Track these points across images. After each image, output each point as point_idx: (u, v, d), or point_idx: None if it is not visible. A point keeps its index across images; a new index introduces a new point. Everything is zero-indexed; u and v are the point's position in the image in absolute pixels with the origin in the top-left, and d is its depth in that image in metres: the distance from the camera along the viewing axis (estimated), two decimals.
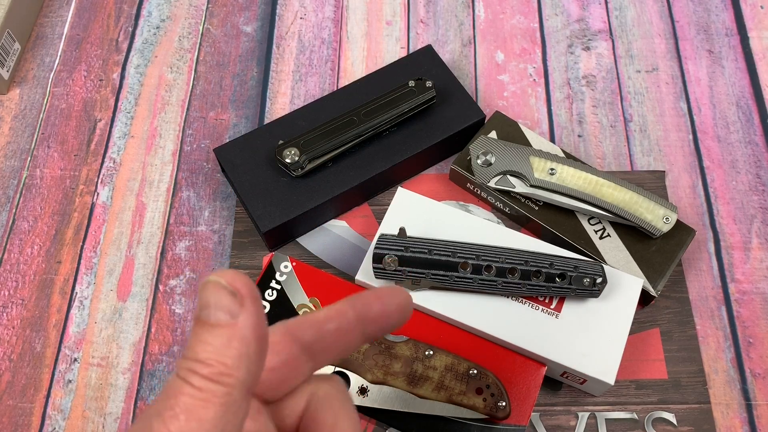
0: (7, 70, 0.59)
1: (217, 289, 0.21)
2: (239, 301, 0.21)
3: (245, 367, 0.21)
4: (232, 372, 0.21)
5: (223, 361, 0.20)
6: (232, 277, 0.21)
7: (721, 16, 0.64)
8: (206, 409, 0.20)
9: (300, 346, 0.25)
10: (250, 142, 0.53)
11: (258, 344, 0.21)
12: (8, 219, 0.54)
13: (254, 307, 0.21)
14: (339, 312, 0.26)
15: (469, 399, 0.43)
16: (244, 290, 0.21)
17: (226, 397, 0.20)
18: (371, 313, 0.26)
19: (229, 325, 0.21)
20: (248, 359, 0.21)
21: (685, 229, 0.50)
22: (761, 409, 0.48)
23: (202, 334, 0.21)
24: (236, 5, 0.65)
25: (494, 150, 0.51)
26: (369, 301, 0.26)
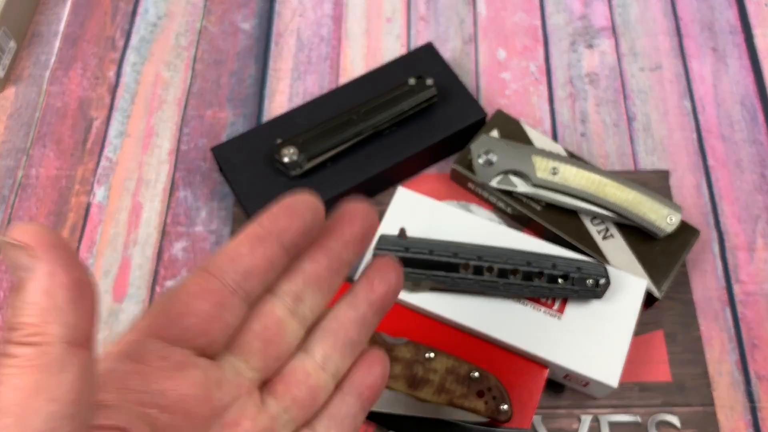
0: (3, 68, 0.59)
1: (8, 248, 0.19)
2: (31, 253, 0.19)
3: (57, 321, 0.19)
4: (42, 330, 0.19)
5: (29, 321, 0.19)
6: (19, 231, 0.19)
7: (725, 13, 0.63)
8: (23, 376, 0.19)
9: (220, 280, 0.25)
10: (248, 141, 0.52)
11: (68, 291, 0.19)
12: (4, 219, 0.54)
13: (54, 253, 0.19)
14: (247, 234, 0.26)
15: (471, 402, 0.42)
16: (34, 240, 0.19)
17: (43, 357, 0.19)
18: (279, 223, 0.26)
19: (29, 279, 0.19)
20: (59, 311, 0.19)
21: (689, 230, 0.50)
22: (766, 411, 0.47)
23: (11, 301, 0.20)
24: (234, 2, 0.64)
25: (496, 149, 0.51)
26: (275, 213, 0.26)
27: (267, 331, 0.26)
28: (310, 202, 0.27)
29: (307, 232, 0.27)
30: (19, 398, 0.18)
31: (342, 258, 0.28)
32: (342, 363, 0.28)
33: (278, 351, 0.27)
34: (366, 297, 0.29)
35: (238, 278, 0.25)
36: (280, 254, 0.26)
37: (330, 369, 0.28)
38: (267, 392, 0.27)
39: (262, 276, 0.26)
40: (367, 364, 0.29)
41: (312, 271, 0.27)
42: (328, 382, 0.28)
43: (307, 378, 0.27)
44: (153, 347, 0.24)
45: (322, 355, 0.28)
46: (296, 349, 0.27)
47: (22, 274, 0.19)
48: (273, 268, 0.26)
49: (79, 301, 0.20)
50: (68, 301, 0.19)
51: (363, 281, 0.29)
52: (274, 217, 0.26)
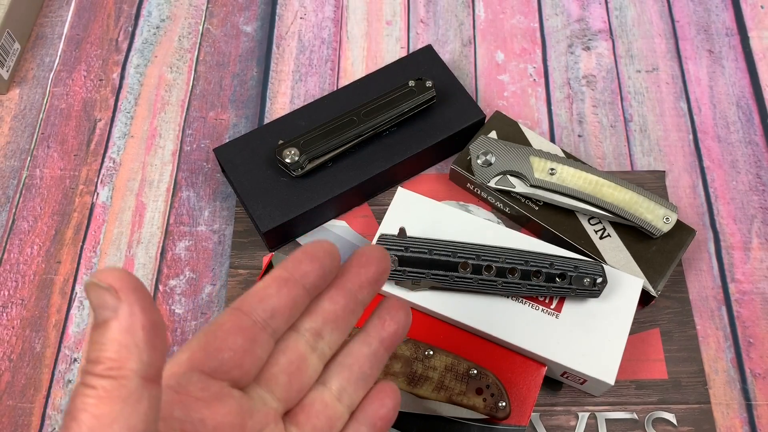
0: (7, 70, 0.59)
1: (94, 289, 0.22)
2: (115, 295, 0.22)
3: (135, 357, 0.22)
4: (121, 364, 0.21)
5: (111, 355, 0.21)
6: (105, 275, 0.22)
7: (721, 16, 0.64)
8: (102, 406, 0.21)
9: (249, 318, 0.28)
10: (250, 142, 0.53)
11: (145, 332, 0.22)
12: (8, 219, 0.54)
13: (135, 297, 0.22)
14: (274, 276, 0.29)
15: (469, 399, 0.43)
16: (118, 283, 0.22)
17: (120, 389, 0.21)
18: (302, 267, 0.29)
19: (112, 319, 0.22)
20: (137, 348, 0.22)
21: (685, 229, 0.50)
22: (761, 409, 0.48)
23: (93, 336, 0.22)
24: (236, 5, 0.65)
25: (494, 150, 0.51)
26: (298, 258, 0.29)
27: (291, 365, 0.29)
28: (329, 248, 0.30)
29: (326, 275, 0.30)
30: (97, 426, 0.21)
31: (357, 298, 0.31)
32: (356, 394, 0.31)
33: (300, 383, 0.30)
34: (378, 334, 0.32)
35: (266, 316, 0.28)
36: (303, 295, 0.29)
37: (345, 400, 0.31)
38: (289, 421, 0.29)
39: (287, 314, 0.29)
40: (380, 397, 0.32)
41: (331, 311, 0.30)
42: (343, 412, 0.30)
43: (325, 408, 0.30)
44: (193, 379, 0.26)
45: (338, 387, 0.31)
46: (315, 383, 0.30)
47: (106, 313, 0.22)
48: (296, 307, 0.29)
49: (154, 341, 0.22)
50: (145, 341, 0.22)
51: (375, 320, 0.32)
52: (298, 261, 0.29)
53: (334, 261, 0.30)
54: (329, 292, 0.31)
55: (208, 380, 0.26)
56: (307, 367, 0.30)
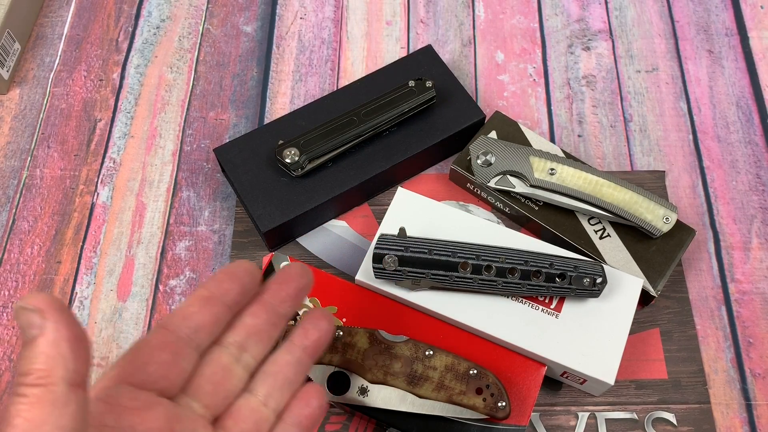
0: (7, 70, 0.59)
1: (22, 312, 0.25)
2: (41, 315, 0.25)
3: (62, 366, 0.25)
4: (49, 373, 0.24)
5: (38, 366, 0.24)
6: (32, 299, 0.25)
7: (721, 16, 0.64)
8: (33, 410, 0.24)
9: (174, 334, 0.31)
10: (250, 142, 0.53)
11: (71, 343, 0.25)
12: (8, 219, 0.54)
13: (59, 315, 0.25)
14: (196, 295, 0.32)
15: (469, 399, 0.43)
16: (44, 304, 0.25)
17: (49, 395, 0.24)
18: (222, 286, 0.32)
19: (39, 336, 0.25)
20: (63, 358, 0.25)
21: (685, 229, 0.50)
22: (761, 409, 0.48)
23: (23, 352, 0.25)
24: (236, 5, 0.65)
25: (494, 150, 0.51)
26: (219, 278, 0.33)
27: (216, 375, 0.32)
28: (249, 268, 0.34)
29: (245, 292, 0.33)
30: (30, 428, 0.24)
31: (279, 312, 0.34)
32: (282, 399, 0.34)
33: (226, 392, 0.33)
34: (301, 342, 0.35)
35: (190, 333, 0.31)
36: (225, 311, 0.32)
37: (271, 405, 0.34)
38: (218, 426, 0.32)
39: (210, 330, 0.32)
40: (305, 398, 0.34)
41: (252, 325, 0.34)
42: (270, 416, 0.33)
43: (252, 413, 0.33)
44: (123, 391, 0.29)
45: (265, 393, 0.34)
46: (242, 391, 0.33)
47: (33, 331, 0.25)
48: (219, 323, 0.32)
49: (78, 351, 0.25)
50: (69, 351, 0.25)
51: (299, 329, 0.35)
52: (219, 281, 0.33)
53: (254, 279, 0.33)
54: (251, 307, 0.34)
55: (136, 391, 0.29)
56: (231, 377, 0.33)
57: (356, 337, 0.44)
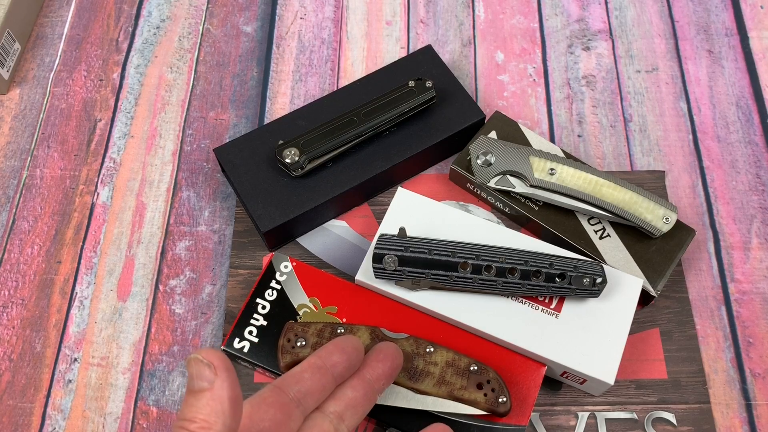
0: (7, 70, 0.59)
1: (197, 363, 0.28)
2: (214, 371, 0.28)
3: (221, 421, 0.28)
4: (211, 425, 0.27)
5: (204, 417, 0.27)
6: (208, 354, 0.28)
7: (721, 16, 0.64)
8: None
9: (287, 395, 0.34)
10: (250, 142, 0.53)
11: (231, 403, 0.28)
12: (8, 219, 0.54)
13: (227, 374, 0.28)
14: (309, 363, 0.36)
15: (470, 394, 0.43)
16: (217, 363, 0.28)
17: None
18: (333, 358, 0.36)
19: (208, 389, 0.28)
20: (224, 414, 0.28)
21: (685, 229, 0.50)
22: (761, 409, 0.48)
23: (189, 399, 0.28)
24: (236, 5, 0.65)
25: (494, 150, 0.51)
26: (329, 350, 0.37)
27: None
28: (356, 344, 0.38)
29: (351, 367, 0.37)
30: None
31: (375, 388, 0.38)
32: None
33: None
34: None
35: (300, 396, 0.34)
36: (331, 382, 0.36)
37: None
38: None
39: (317, 396, 0.35)
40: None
41: (352, 397, 0.37)
42: None
43: None
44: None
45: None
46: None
47: (202, 383, 0.28)
48: (325, 391, 0.36)
49: (235, 412, 0.28)
50: (230, 410, 0.28)
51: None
52: (330, 353, 0.37)
53: (359, 355, 0.37)
54: (352, 381, 0.37)
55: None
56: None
57: (357, 333, 0.44)
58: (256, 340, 0.46)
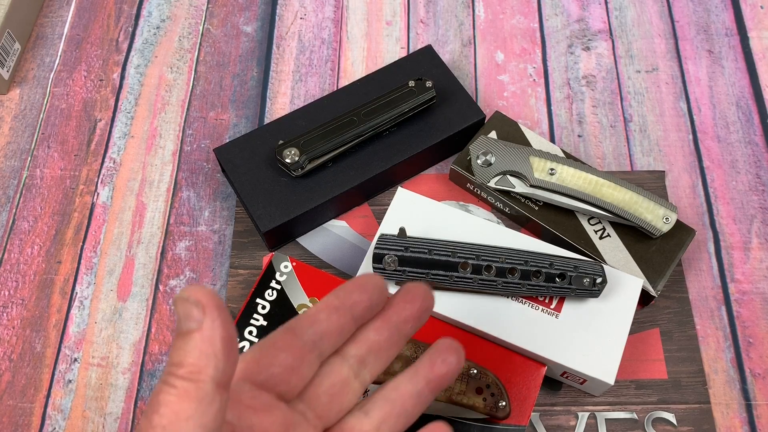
0: (7, 70, 0.59)
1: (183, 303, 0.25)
2: (202, 310, 0.25)
3: (213, 365, 0.25)
4: (201, 369, 0.24)
5: (193, 360, 0.24)
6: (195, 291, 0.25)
7: (721, 16, 0.64)
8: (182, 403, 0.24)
9: (300, 339, 0.30)
10: (250, 142, 0.53)
11: (223, 344, 0.25)
12: (8, 219, 0.54)
13: (217, 313, 0.25)
14: (326, 302, 0.31)
15: (469, 399, 0.43)
16: (206, 301, 0.25)
17: (198, 391, 0.24)
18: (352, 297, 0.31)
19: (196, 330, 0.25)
20: (215, 358, 0.25)
21: (685, 229, 0.50)
22: (761, 409, 0.48)
23: (177, 342, 0.25)
24: (236, 5, 0.65)
25: (494, 150, 0.51)
26: (348, 288, 0.32)
27: (333, 387, 0.31)
28: (378, 282, 0.32)
29: (373, 307, 0.32)
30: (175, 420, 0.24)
31: (401, 332, 0.33)
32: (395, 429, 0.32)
33: (340, 405, 0.32)
34: (426, 375, 0.32)
35: (315, 339, 0.30)
36: (350, 323, 0.31)
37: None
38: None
39: (335, 339, 0.31)
40: None
41: (375, 341, 0.32)
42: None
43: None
44: (245, 389, 0.29)
45: (378, 419, 0.32)
46: (355, 408, 0.32)
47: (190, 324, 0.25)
48: (343, 333, 0.31)
49: (229, 352, 0.25)
50: (222, 351, 0.25)
51: (426, 360, 0.33)
52: (348, 291, 0.32)
53: (382, 294, 0.32)
54: (375, 322, 0.32)
55: (257, 391, 0.29)
56: (348, 391, 0.32)
57: None
58: (256, 340, 0.46)
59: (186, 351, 0.25)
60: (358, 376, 0.32)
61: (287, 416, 0.30)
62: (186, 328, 0.25)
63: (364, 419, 0.32)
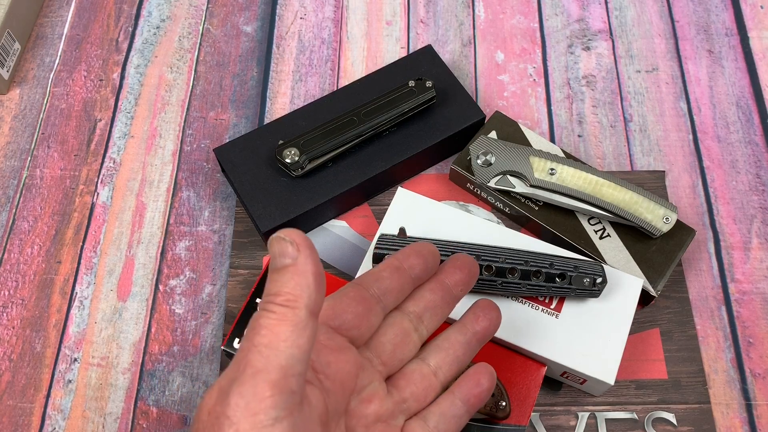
0: (7, 70, 0.59)
1: (279, 242, 0.28)
2: (296, 248, 0.28)
3: (307, 295, 0.28)
4: (297, 298, 0.28)
5: (289, 290, 0.28)
6: (290, 233, 0.29)
7: (721, 16, 0.64)
8: (280, 326, 0.27)
9: (368, 292, 0.35)
10: (250, 142, 0.53)
11: (315, 278, 0.28)
12: (8, 219, 0.54)
13: (309, 251, 0.28)
14: (387, 263, 0.37)
15: None
16: (299, 240, 0.28)
17: (295, 317, 0.28)
18: (410, 260, 0.37)
19: (291, 265, 0.28)
20: (309, 288, 0.28)
21: (685, 229, 0.50)
22: (761, 409, 0.48)
23: (272, 276, 0.29)
24: (236, 5, 0.65)
25: (494, 150, 0.51)
26: (406, 252, 0.37)
27: (396, 337, 0.36)
28: (432, 249, 0.38)
29: (428, 269, 0.37)
30: (274, 340, 0.27)
31: (453, 293, 0.38)
32: (450, 373, 0.37)
33: (402, 354, 0.36)
34: (472, 327, 0.38)
35: (380, 293, 0.35)
36: (409, 282, 0.37)
37: (440, 376, 0.37)
38: (391, 384, 0.36)
39: (396, 295, 0.36)
40: (476, 377, 0.37)
41: (431, 299, 0.38)
42: (437, 385, 0.37)
43: (423, 379, 0.36)
44: (322, 330, 0.33)
45: (435, 364, 0.37)
46: (415, 357, 0.37)
47: (286, 260, 0.28)
48: (403, 291, 0.37)
49: (320, 286, 0.29)
50: (313, 284, 0.28)
51: (470, 315, 0.39)
52: (407, 255, 0.37)
53: (436, 260, 0.38)
54: (430, 284, 0.38)
55: (333, 333, 0.33)
56: (409, 342, 0.36)
57: None
58: None
59: (282, 282, 0.28)
60: (417, 330, 0.37)
61: (357, 359, 0.33)
62: (281, 264, 0.28)
63: (422, 365, 0.37)
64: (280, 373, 0.27)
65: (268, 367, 0.27)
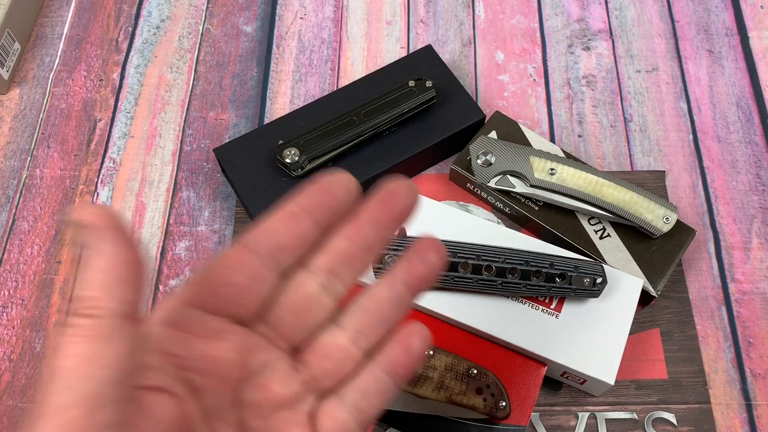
0: (7, 70, 0.59)
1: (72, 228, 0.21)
2: (97, 234, 0.21)
3: (112, 296, 0.21)
4: (98, 303, 0.21)
5: (91, 293, 0.21)
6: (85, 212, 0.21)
7: (721, 16, 0.64)
8: (80, 345, 0.21)
9: (253, 254, 0.26)
10: (250, 142, 0.53)
11: (125, 269, 0.21)
12: (8, 219, 0.54)
13: (111, 234, 0.21)
14: (283, 211, 0.27)
15: (469, 399, 0.43)
16: (94, 220, 0.21)
17: (96, 329, 0.21)
18: (311, 200, 0.27)
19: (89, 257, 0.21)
20: (115, 287, 0.21)
21: (685, 229, 0.50)
22: (761, 409, 0.48)
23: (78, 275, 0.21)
24: (236, 5, 0.65)
25: (494, 150, 0.51)
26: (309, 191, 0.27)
27: (298, 304, 0.28)
28: (345, 181, 0.28)
29: (339, 210, 0.28)
30: (75, 365, 0.20)
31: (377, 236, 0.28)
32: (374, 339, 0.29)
33: (308, 323, 0.28)
34: (404, 277, 0.29)
35: (271, 252, 0.26)
36: (312, 229, 0.27)
37: (361, 344, 0.28)
38: (298, 361, 0.28)
39: (294, 250, 0.27)
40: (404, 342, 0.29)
41: (346, 249, 0.28)
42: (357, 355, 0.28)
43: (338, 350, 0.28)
44: (192, 315, 0.25)
45: (354, 329, 0.28)
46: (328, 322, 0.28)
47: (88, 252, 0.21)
48: (304, 242, 0.27)
49: (133, 279, 0.22)
50: (124, 279, 0.21)
51: (403, 261, 0.29)
52: (308, 194, 0.27)
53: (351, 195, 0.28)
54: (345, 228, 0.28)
55: (206, 317, 0.26)
56: (316, 306, 0.28)
57: None
58: None
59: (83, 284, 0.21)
60: (328, 289, 0.28)
61: (244, 341, 0.26)
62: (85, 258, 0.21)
63: (337, 333, 0.28)
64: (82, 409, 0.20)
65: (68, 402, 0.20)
